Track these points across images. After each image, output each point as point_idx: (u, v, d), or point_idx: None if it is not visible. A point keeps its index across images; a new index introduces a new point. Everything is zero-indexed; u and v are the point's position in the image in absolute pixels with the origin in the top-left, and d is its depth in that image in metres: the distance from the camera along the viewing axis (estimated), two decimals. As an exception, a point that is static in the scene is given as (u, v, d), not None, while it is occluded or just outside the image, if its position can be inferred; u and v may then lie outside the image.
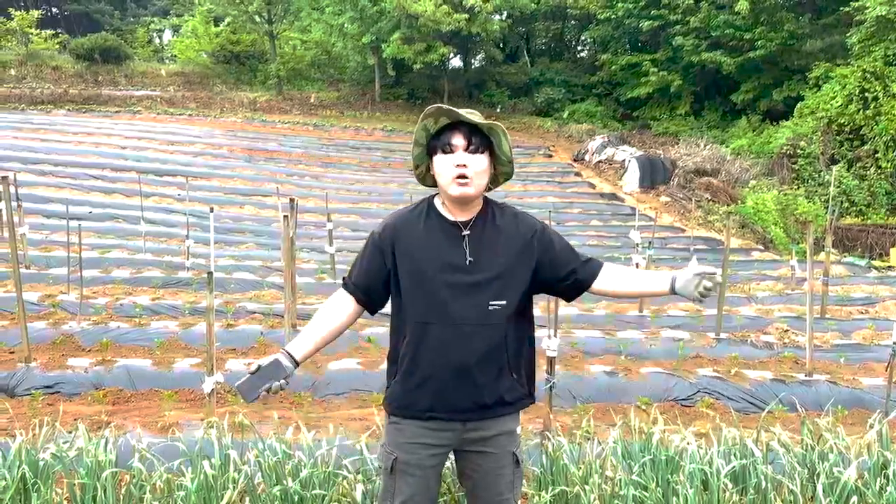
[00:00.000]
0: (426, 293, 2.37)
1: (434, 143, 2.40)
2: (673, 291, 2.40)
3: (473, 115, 2.34)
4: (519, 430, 2.57)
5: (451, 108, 2.34)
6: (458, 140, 2.34)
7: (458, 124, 2.36)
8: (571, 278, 2.49)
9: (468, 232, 2.40)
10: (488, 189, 2.49)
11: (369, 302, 2.50)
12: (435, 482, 2.54)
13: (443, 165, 2.36)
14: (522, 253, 2.43)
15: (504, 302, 2.39)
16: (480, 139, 2.37)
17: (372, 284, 2.46)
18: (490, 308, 2.37)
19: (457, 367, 2.36)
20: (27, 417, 4.77)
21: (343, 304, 2.50)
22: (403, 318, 2.44)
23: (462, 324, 2.35)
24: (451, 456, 2.63)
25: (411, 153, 2.49)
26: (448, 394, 2.38)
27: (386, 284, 2.46)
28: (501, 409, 2.45)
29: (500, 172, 2.50)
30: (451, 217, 2.42)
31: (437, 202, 2.47)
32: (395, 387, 2.48)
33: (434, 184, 2.49)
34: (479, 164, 2.35)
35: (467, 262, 2.37)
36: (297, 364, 2.41)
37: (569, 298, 2.61)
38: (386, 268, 2.43)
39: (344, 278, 2.55)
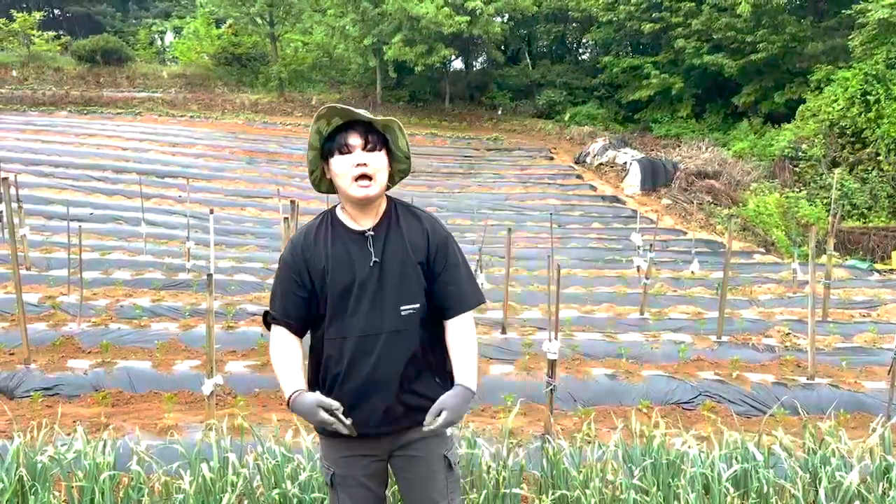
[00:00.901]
0: (340, 309, 2.32)
1: (329, 146, 2.33)
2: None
3: (364, 112, 2.30)
4: (450, 432, 2.51)
5: (344, 106, 2.28)
6: (355, 139, 2.29)
7: (353, 123, 2.30)
8: (441, 293, 2.39)
9: (372, 233, 2.34)
10: (388, 188, 2.43)
11: (304, 329, 2.42)
12: (378, 489, 2.49)
13: (341, 166, 2.30)
14: (423, 254, 2.37)
15: (417, 305, 2.34)
16: (377, 137, 2.32)
17: (301, 312, 2.38)
18: (403, 313, 2.32)
19: (377, 379, 2.31)
20: (26, 419, 4.76)
21: (289, 342, 2.40)
22: (320, 336, 2.39)
23: (377, 333, 2.30)
24: None
25: (306, 157, 2.41)
26: (371, 408, 2.32)
27: (309, 306, 2.38)
28: (424, 414, 2.31)
29: (397, 170, 2.44)
30: (356, 226, 2.37)
31: (339, 212, 2.41)
32: None
33: (330, 189, 2.42)
34: (378, 162, 2.30)
35: (372, 264, 2.31)
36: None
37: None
38: (306, 288, 2.36)
39: (266, 315, 2.44)
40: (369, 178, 2.28)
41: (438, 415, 2.21)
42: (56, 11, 43.08)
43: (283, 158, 22.21)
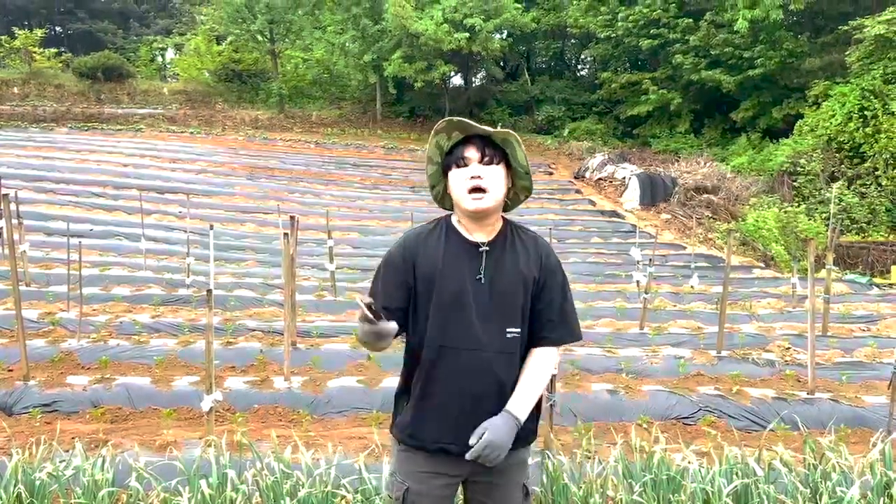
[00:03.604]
0: (445, 316, 2.27)
1: (448, 160, 2.33)
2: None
3: (484, 127, 2.28)
4: (530, 460, 2.51)
5: (461, 119, 2.27)
6: (472, 152, 2.28)
7: (472, 137, 2.29)
8: (539, 320, 2.35)
9: (486, 249, 2.31)
10: (509, 207, 2.41)
11: (399, 325, 2.26)
12: None
13: (457, 179, 2.29)
14: (531, 278, 2.34)
15: (520, 329, 2.31)
16: (495, 150, 2.30)
17: (402, 304, 2.32)
18: (508, 335, 2.29)
19: (473, 395, 2.27)
20: (25, 436, 4.75)
21: None
22: (419, 342, 2.33)
23: (480, 350, 2.26)
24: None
25: (426, 171, 2.41)
26: (460, 424, 2.26)
27: (409, 301, 2.34)
28: (514, 443, 2.31)
29: (520, 187, 2.41)
30: (469, 236, 2.34)
31: (454, 221, 2.39)
32: (405, 414, 2.39)
33: (452, 206, 2.40)
34: (494, 176, 2.28)
35: (482, 281, 2.28)
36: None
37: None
38: (409, 285, 2.32)
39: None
40: (483, 190, 2.25)
41: (480, 436, 2.19)
42: (58, 29, 43.35)
43: (283, 174, 22.27)
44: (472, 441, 2.19)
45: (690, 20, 26.28)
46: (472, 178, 2.25)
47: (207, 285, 6.96)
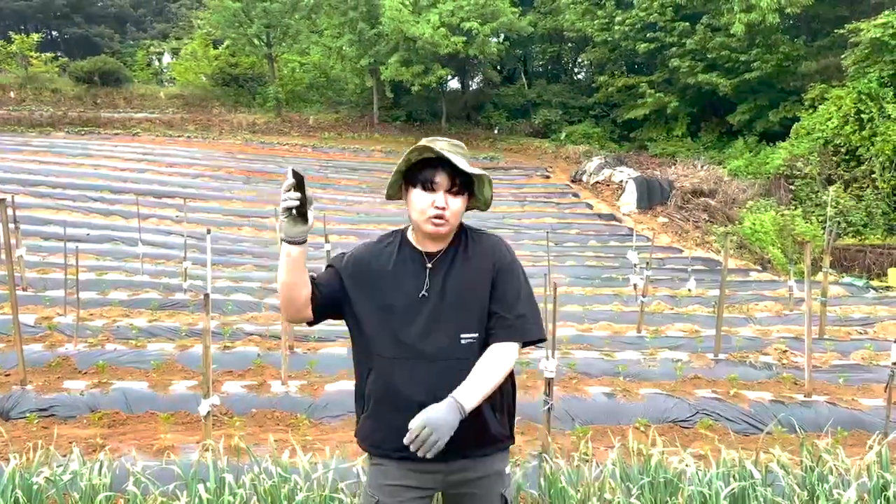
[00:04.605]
0: (394, 327, 2.27)
1: (414, 177, 2.29)
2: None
3: (461, 156, 2.25)
4: (508, 469, 2.45)
5: (440, 148, 2.23)
6: (441, 178, 2.25)
7: (444, 161, 2.25)
8: (494, 318, 2.31)
9: (430, 265, 2.31)
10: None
11: (319, 302, 2.31)
12: None
13: (420, 202, 2.27)
14: (487, 282, 2.32)
15: (476, 335, 2.29)
16: (463, 182, 2.28)
17: (327, 292, 2.32)
18: (462, 341, 2.27)
19: (426, 404, 2.16)
20: (22, 441, 4.74)
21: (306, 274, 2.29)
22: (369, 352, 2.32)
23: (433, 359, 2.24)
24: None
25: (390, 177, 2.37)
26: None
27: (336, 306, 2.35)
28: (482, 448, 2.32)
29: (473, 206, 2.42)
30: (419, 247, 2.34)
31: (409, 234, 2.40)
32: (364, 423, 2.38)
33: (400, 199, 2.41)
34: (457, 206, 2.28)
35: (426, 293, 2.27)
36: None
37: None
38: (339, 293, 2.33)
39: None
40: (444, 219, 2.26)
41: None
42: (54, 33, 43.37)
43: (280, 178, 22.24)
44: (410, 425, 2.07)
45: (687, 24, 26.36)
46: (437, 207, 2.24)
47: (205, 289, 6.96)
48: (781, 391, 6.56)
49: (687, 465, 3.65)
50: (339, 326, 8.68)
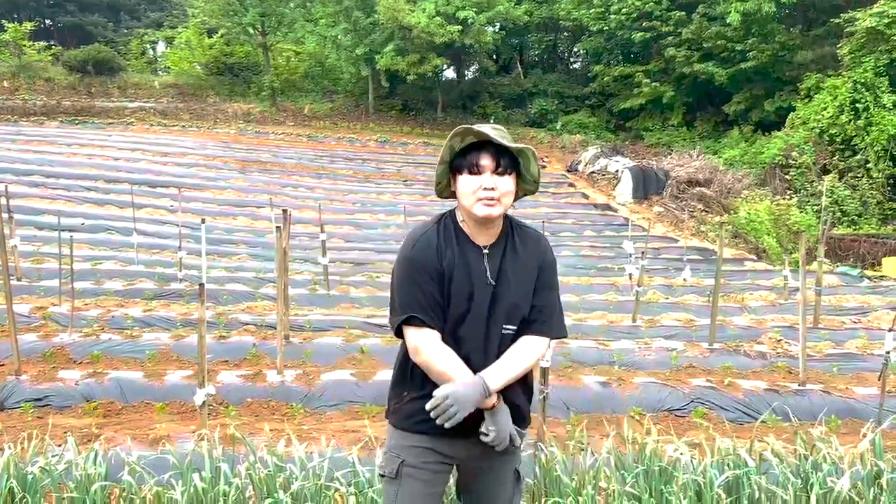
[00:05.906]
0: (455, 317, 2.33)
1: (460, 162, 2.31)
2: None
3: (503, 137, 2.26)
4: (522, 446, 2.56)
5: (481, 129, 2.25)
6: (487, 161, 2.27)
7: (486, 143, 2.28)
8: (530, 314, 2.40)
9: (488, 252, 2.35)
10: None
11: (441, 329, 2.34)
12: (440, 490, 2.48)
13: (469, 186, 2.29)
14: (533, 279, 2.40)
15: (515, 328, 2.38)
16: (509, 160, 2.30)
17: (439, 310, 2.33)
18: (504, 332, 2.36)
19: None
20: (16, 430, 4.74)
21: (440, 340, 2.31)
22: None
23: (482, 348, 2.33)
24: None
25: (436, 171, 2.40)
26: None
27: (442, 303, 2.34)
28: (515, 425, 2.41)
29: (524, 190, 2.44)
30: (474, 238, 2.37)
31: (459, 220, 2.40)
32: (406, 405, 2.42)
33: (451, 196, 2.42)
34: (506, 186, 2.30)
35: (488, 283, 2.33)
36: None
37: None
38: (443, 283, 2.32)
39: (409, 319, 2.31)
40: (494, 199, 2.28)
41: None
42: (47, 22, 43.02)
43: (275, 168, 22.21)
44: (435, 393, 2.21)
45: (683, 13, 26.30)
46: (486, 188, 2.26)
47: (200, 279, 6.94)
48: (776, 380, 6.59)
49: (681, 454, 3.67)
50: (335, 316, 8.69)
